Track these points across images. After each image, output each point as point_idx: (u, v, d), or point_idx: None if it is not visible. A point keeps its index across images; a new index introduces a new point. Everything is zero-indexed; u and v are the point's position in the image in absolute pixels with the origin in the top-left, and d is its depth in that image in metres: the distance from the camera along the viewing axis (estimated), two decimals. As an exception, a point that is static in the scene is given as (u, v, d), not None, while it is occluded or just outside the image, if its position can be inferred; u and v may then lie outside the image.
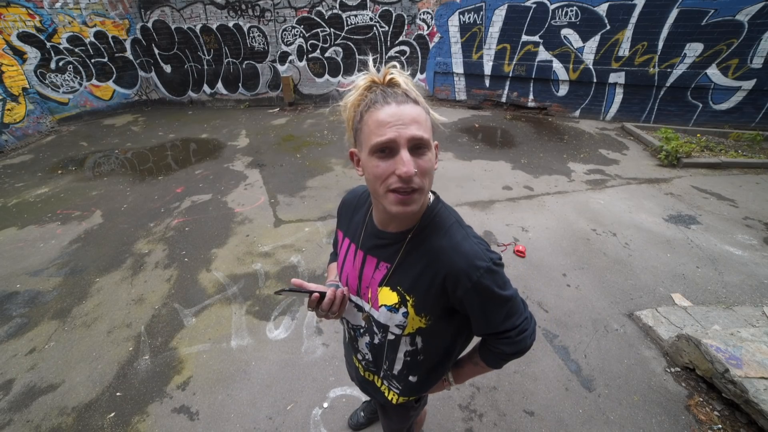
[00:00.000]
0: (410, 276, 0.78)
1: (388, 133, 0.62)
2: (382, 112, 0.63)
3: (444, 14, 6.73)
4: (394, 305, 0.81)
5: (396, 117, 0.62)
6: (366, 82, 0.68)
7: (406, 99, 0.64)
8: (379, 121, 0.63)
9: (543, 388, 2.03)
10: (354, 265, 0.88)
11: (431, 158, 0.67)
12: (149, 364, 2.20)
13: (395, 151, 0.63)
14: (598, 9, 5.78)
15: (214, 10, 7.08)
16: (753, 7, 5.06)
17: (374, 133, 0.63)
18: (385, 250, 0.82)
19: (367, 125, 0.65)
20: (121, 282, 2.88)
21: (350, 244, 0.91)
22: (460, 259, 0.73)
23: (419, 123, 0.63)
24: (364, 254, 0.86)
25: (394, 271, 0.80)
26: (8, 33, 5.93)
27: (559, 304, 2.58)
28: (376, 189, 0.68)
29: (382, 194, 0.67)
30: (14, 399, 2.01)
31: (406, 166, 0.61)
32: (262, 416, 1.90)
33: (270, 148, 5.55)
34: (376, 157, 0.65)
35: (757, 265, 2.95)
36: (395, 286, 0.81)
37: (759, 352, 1.84)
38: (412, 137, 0.62)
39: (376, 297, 0.84)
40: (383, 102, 0.63)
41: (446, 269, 0.74)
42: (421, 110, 0.65)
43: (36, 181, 4.68)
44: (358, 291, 0.88)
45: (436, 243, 0.76)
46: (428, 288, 0.77)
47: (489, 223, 3.53)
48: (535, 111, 6.94)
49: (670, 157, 4.71)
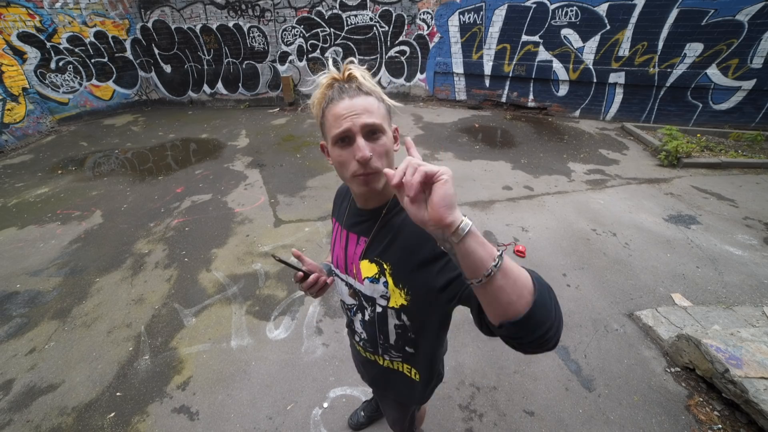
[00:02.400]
0: (386, 245, 0.84)
1: (343, 124, 0.70)
2: (338, 106, 0.71)
3: (444, 14, 6.73)
4: (374, 275, 0.87)
5: (349, 109, 0.70)
6: (327, 79, 0.75)
7: (358, 92, 0.71)
8: (335, 114, 0.71)
9: (543, 388, 2.03)
10: (340, 244, 0.95)
11: (386, 141, 0.74)
12: (149, 364, 2.20)
13: (352, 140, 0.71)
14: (598, 9, 5.78)
15: (214, 10, 7.09)
16: (753, 7, 5.06)
17: (333, 126, 0.72)
18: (363, 225, 0.89)
19: (328, 120, 0.73)
20: (121, 282, 2.88)
21: (339, 227, 0.98)
22: None
23: (371, 111, 0.71)
24: (347, 232, 0.93)
25: (371, 243, 0.87)
26: (8, 33, 5.94)
27: (559, 304, 2.58)
28: (343, 175, 0.77)
29: (349, 179, 0.76)
30: (14, 399, 2.01)
31: (362, 151, 0.69)
32: (262, 416, 1.90)
33: (270, 148, 5.55)
34: (337, 147, 0.73)
35: (757, 265, 2.95)
36: (372, 257, 0.87)
37: (759, 352, 1.84)
38: (364, 124, 0.70)
39: (359, 270, 0.90)
40: (339, 98, 0.71)
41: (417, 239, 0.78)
42: (374, 100, 0.73)
43: (36, 181, 4.68)
44: (346, 268, 0.94)
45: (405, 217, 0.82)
46: (401, 256, 0.81)
47: (489, 223, 3.53)
48: (535, 111, 6.94)
49: (670, 157, 4.71)
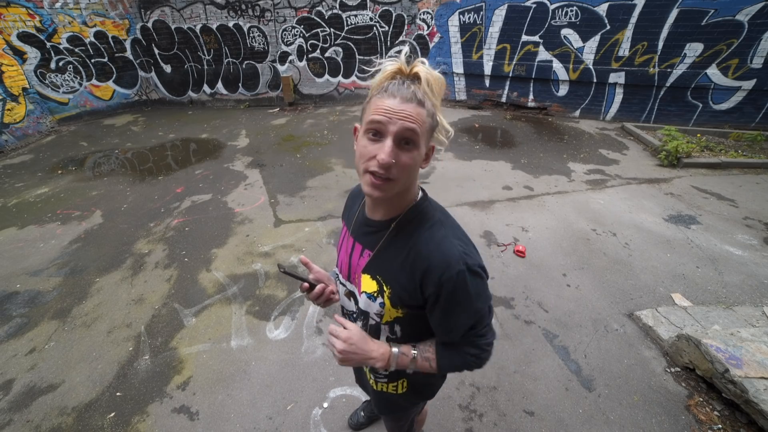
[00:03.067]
0: (389, 267, 0.82)
1: (381, 117, 0.66)
2: (386, 101, 0.67)
3: (444, 14, 6.72)
4: (373, 293, 0.85)
5: (394, 109, 0.66)
6: (393, 68, 0.72)
7: (412, 98, 0.67)
8: (379, 105, 0.68)
9: (543, 388, 2.03)
10: (346, 251, 0.93)
11: (415, 156, 0.70)
12: (149, 364, 2.20)
13: (383, 137, 0.68)
14: (598, 9, 5.78)
15: (214, 10, 7.08)
16: (753, 7, 5.06)
17: (371, 113, 0.68)
18: (369, 237, 0.86)
19: (370, 105, 0.70)
20: (121, 282, 2.88)
21: (346, 231, 0.96)
22: (434, 256, 0.75)
23: (414, 121, 0.67)
24: (354, 240, 0.91)
25: (374, 258, 0.84)
26: (8, 33, 5.94)
27: (559, 304, 2.58)
28: (358, 166, 0.73)
29: (361, 172, 0.72)
30: (14, 399, 2.01)
31: (386, 154, 0.66)
32: (262, 416, 1.90)
33: (270, 148, 5.55)
34: (367, 136, 0.70)
35: (757, 265, 2.95)
36: (375, 275, 0.84)
37: (759, 352, 1.84)
38: (402, 129, 0.66)
39: (359, 282, 0.88)
40: (391, 93, 0.67)
41: (421, 266, 0.76)
42: (423, 112, 0.68)
43: (36, 181, 4.68)
44: (349, 276, 0.93)
45: (416, 238, 0.78)
46: (404, 282, 0.80)
47: (489, 223, 3.53)
48: (535, 111, 6.94)
49: (670, 157, 4.71)
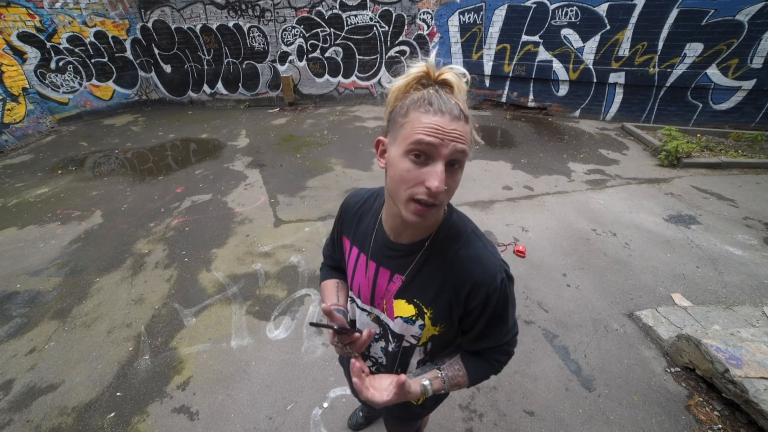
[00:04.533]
0: (428, 289, 0.77)
1: (432, 137, 0.59)
2: (435, 117, 0.59)
3: (444, 14, 6.73)
4: (411, 317, 0.80)
5: (446, 129, 0.59)
6: (419, 71, 0.64)
7: (460, 114, 0.61)
8: (427, 125, 0.59)
9: (543, 388, 2.03)
10: (366, 276, 0.85)
11: (460, 177, 0.65)
12: (149, 364, 2.20)
13: (431, 160, 0.61)
14: (598, 9, 5.78)
15: (214, 10, 7.09)
16: (753, 7, 5.06)
17: (418, 131, 0.60)
18: (398, 261, 0.79)
19: (412, 123, 0.61)
20: (121, 282, 2.88)
21: (359, 254, 0.87)
22: (478, 271, 0.73)
23: (465, 142, 0.61)
24: (377, 266, 0.83)
25: (408, 283, 0.79)
26: (8, 33, 5.93)
27: (559, 304, 2.58)
28: (397, 192, 0.65)
29: (403, 200, 0.64)
30: (14, 399, 2.01)
31: (439, 181, 0.59)
32: (262, 416, 1.90)
33: (270, 148, 5.55)
34: (409, 159, 0.61)
35: (757, 265, 2.95)
36: (412, 299, 0.79)
37: (759, 352, 1.84)
38: (455, 151, 0.60)
39: (391, 308, 0.83)
40: (438, 109, 0.60)
41: (464, 280, 0.74)
42: (469, 128, 0.63)
43: (36, 181, 4.68)
44: (372, 300, 0.86)
45: (454, 254, 0.75)
46: (448, 301, 0.77)
47: (489, 223, 3.53)
48: (535, 111, 6.94)
49: (670, 157, 4.71)
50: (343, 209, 0.94)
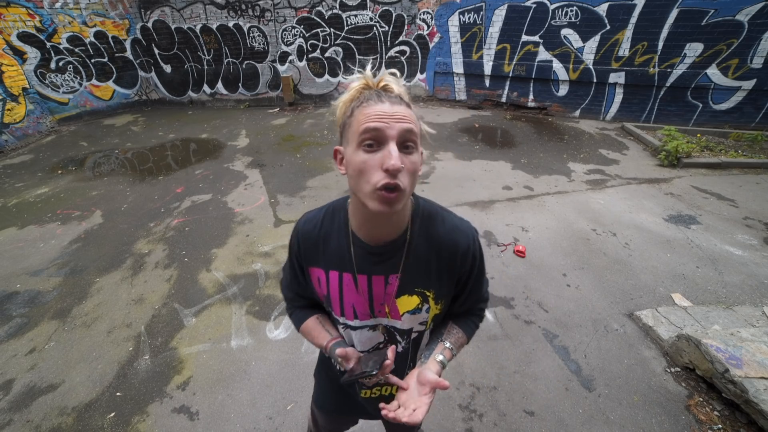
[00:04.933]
0: (425, 273, 0.80)
1: (377, 124, 0.62)
2: (375, 107, 0.63)
3: (444, 14, 6.73)
4: (417, 307, 0.82)
5: (388, 113, 0.62)
6: (360, 84, 0.69)
7: (400, 101, 0.65)
8: (369, 113, 0.63)
9: (543, 388, 2.03)
10: (359, 292, 0.82)
11: (417, 160, 0.67)
12: (149, 364, 2.20)
13: (383, 145, 0.63)
14: (598, 9, 5.78)
15: (214, 10, 7.09)
16: (753, 7, 5.06)
17: (363, 123, 0.62)
18: (386, 263, 0.79)
19: (357, 118, 0.64)
20: (121, 282, 2.88)
21: (341, 275, 0.82)
22: (461, 238, 0.80)
23: (411, 122, 0.64)
24: (368, 277, 0.80)
25: (404, 278, 0.80)
26: (8, 33, 5.94)
27: (559, 304, 2.58)
28: (360, 186, 0.66)
29: (368, 192, 0.64)
30: (14, 399, 2.01)
31: (394, 159, 0.60)
32: (262, 416, 1.90)
33: (270, 148, 5.55)
34: (362, 150, 0.64)
35: (757, 265, 2.95)
36: (413, 290, 0.81)
37: (759, 352, 1.84)
38: (403, 130, 0.62)
39: (395, 308, 0.82)
40: (377, 100, 0.64)
41: (454, 252, 0.79)
42: (413, 113, 0.67)
43: (36, 181, 4.68)
44: (372, 312, 0.84)
45: (436, 232, 0.79)
46: (441, 275, 0.81)
47: (489, 223, 3.53)
48: (535, 111, 6.94)
49: (670, 157, 4.71)
50: (298, 241, 0.85)
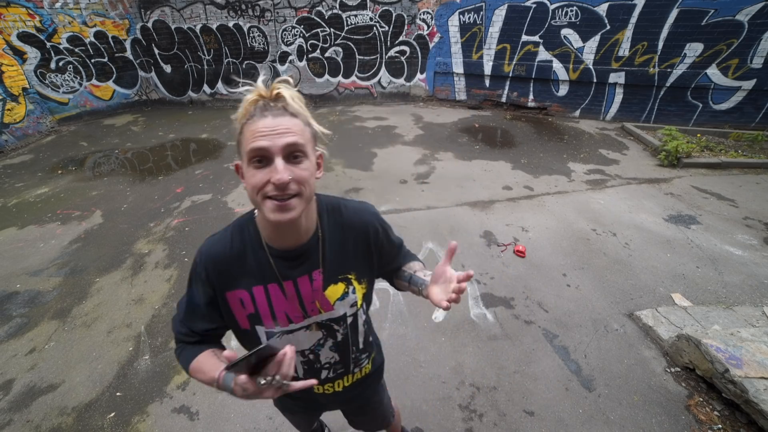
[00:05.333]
0: (343, 259, 0.86)
1: (261, 141, 0.64)
2: (258, 123, 0.66)
3: (444, 14, 6.73)
4: (344, 292, 0.88)
5: (271, 127, 0.65)
6: (253, 96, 0.70)
7: (283, 112, 0.67)
8: (254, 131, 0.65)
9: (543, 388, 2.03)
10: (288, 298, 0.83)
11: (308, 167, 0.70)
12: (149, 364, 2.20)
13: (270, 160, 0.66)
14: (598, 9, 5.78)
15: (214, 10, 7.09)
16: (753, 7, 5.06)
17: (249, 142, 0.66)
18: (307, 263, 0.82)
19: (244, 136, 0.67)
20: (121, 282, 2.88)
21: (266, 287, 0.82)
22: (365, 216, 0.89)
23: (294, 133, 0.67)
24: (293, 281, 0.82)
25: (327, 270, 0.85)
26: (8, 33, 5.93)
27: (559, 304, 2.58)
28: (254, 198, 0.69)
29: (261, 201, 0.68)
30: (14, 399, 2.01)
31: (280, 173, 0.64)
32: (262, 416, 1.90)
33: (270, 148, 5.54)
34: (252, 166, 0.67)
35: (757, 265, 2.95)
36: (336, 279, 0.86)
37: (759, 352, 1.84)
38: (286, 144, 0.65)
39: (325, 301, 0.87)
40: (260, 115, 0.66)
41: (365, 231, 0.88)
42: (299, 122, 0.69)
43: (36, 181, 4.68)
44: (305, 313, 0.86)
45: (343, 220, 0.86)
46: (358, 255, 0.88)
47: (489, 223, 3.53)
48: (535, 111, 6.94)
49: (670, 157, 4.71)
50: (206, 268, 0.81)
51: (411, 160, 4.98)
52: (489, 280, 2.81)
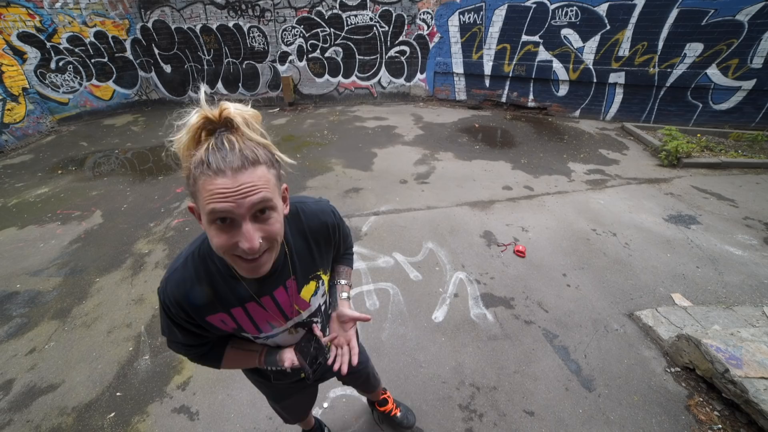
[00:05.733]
0: (310, 261, 0.90)
1: (223, 203, 0.56)
2: (218, 180, 0.56)
3: (444, 14, 6.73)
4: (316, 288, 0.94)
5: (232, 188, 0.56)
6: (198, 120, 0.59)
7: (242, 163, 0.57)
8: (213, 192, 0.56)
9: (543, 388, 2.03)
10: (269, 311, 0.85)
11: (278, 217, 0.64)
12: (149, 364, 2.20)
13: (235, 222, 0.59)
14: (598, 9, 5.78)
15: (214, 10, 7.09)
16: (753, 7, 5.06)
17: (207, 201, 0.57)
18: (279, 274, 0.82)
19: (201, 192, 0.58)
20: (121, 282, 2.88)
21: (245, 307, 0.81)
22: (326, 218, 0.92)
23: (259, 188, 0.58)
24: (270, 295, 0.83)
25: (299, 276, 0.88)
26: (8, 33, 5.93)
27: (559, 304, 2.58)
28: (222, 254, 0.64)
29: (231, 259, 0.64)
30: (14, 399, 2.01)
31: (249, 241, 0.58)
32: (262, 416, 1.90)
33: (270, 148, 5.54)
34: (215, 227, 0.60)
35: (757, 265, 2.95)
36: (308, 279, 0.91)
37: (759, 352, 1.84)
38: (252, 205, 0.58)
39: (302, 302, 0.92)
40: (217, 169, 0.56)
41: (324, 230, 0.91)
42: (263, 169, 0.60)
43: (36, 181, 4.68)
44: (285, 316, 0.90)
45: (305, 226, 0.87)
46: (322, 252, 0.93)
47: (489, 223, 3.53)
48: (535, 111, 6.94)
49: (670, 157, 4.71)
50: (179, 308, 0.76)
51: (411, 160, 4.98)
52: (489, 280, 2.81)
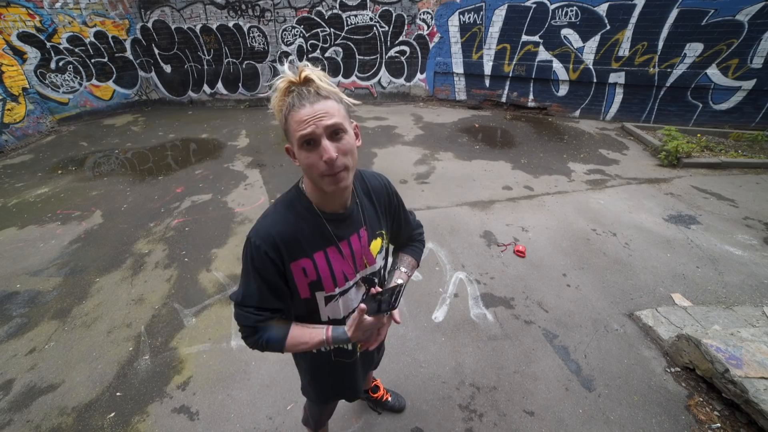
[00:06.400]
0: (376, 218, 1.03)
1: (307, 128, 0.75)
2: (300, 112, 0.75)
3: (444, 14, 6.73)
4: (381, 246, 1.06)
5: (311, 115, 0.74)
6: (284, 83, 0.78)
7: (317, 97, 0.75)
8: (298, 120, 0.75)
9: (543, 388, 2.03)
10: (345, 257, 0.97)
11: (349, 140, 0.80)
12: (149, 364, 2.20)
13: (318, 142, 0.76)
14: (598, 9, 5.78)
15: (214, 10, 7.09)
16: (753, 7, 5.06)
17: (297, 130, 0.76)
18: (353, 223, 0.97)
19: (291, 125, 0.78)
20: (121, 282, 2.88)
21: (326, 252, 0.93)
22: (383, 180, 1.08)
23: (332, 114, 0.76)
24: (347, 240, 0.96)
25: (369, 226, 1.00)
26: (8, 33, 5.93)
27: (559, 304, 2.58)
28: (312, 175, 0.81)
29: (318, 178, 0.80)
30: (14, 399, 2.01)
31: (328, 152, 0.75)
32: (262, 416, 1.90)
33: (270, 148, 5.55)
34: (304, 150, 0.78)
35: (757, 265, 2.95)
36: (375, 235, 1.02)
37: (759, 352, 1.84)
38: (327, 126, 0.75)
39: (370, 255, 1.02)
40: (299, 104, 0.75)
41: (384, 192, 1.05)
42: (333, 103, 0.78)
43: (36, 181, 4.68)
44: (356, 269, 1.00)
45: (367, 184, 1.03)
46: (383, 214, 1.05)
47: (489, 223, 3.53)
48: (535, 111, 6.94)
49: (670, 157, 4.71)
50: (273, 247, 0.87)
51: (411, 160, 4.98)
52: (489, 280, 2.81)
